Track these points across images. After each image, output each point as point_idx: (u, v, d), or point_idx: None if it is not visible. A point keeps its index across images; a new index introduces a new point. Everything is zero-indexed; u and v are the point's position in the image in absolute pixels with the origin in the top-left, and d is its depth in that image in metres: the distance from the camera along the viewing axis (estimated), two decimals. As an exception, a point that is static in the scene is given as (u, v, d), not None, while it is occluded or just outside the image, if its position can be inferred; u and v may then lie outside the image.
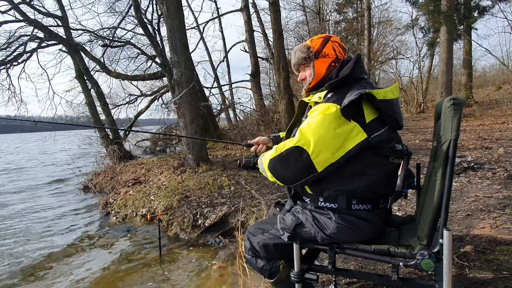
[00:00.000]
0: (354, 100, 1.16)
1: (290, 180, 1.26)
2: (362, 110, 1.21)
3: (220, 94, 13.79)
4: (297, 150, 1.19)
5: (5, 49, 8.31)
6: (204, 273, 3.05)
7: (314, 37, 1.45)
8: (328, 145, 1.16)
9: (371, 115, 1.23)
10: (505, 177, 3.50)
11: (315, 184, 1.29)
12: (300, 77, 1.48)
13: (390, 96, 1.24)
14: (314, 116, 1.21)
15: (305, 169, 1.20)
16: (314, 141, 1.17)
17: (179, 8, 5.55)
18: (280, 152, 1.24)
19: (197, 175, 5.43)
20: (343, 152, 1.17)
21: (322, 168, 1.18)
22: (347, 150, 1.17)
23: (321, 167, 1.18)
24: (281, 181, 1.28)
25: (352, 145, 1.17)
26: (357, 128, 1.18)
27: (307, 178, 1.22)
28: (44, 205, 6.33)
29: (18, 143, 35.90)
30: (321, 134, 1.17)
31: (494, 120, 9.01)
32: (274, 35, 7.75)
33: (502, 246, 1.96)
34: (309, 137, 1.18)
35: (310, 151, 1.17)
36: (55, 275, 3.25)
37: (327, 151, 1.17)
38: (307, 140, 1.18)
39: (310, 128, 1.19)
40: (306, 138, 1.18)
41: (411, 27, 14.74)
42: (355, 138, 1.17)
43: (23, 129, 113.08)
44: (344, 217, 1.27)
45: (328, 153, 1.17)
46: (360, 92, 1.18)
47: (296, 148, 1.19)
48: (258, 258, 1.47)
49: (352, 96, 1.18)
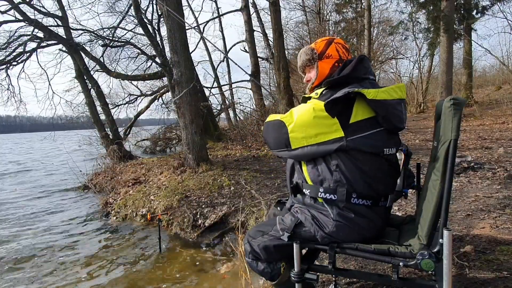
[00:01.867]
0: (338, 97, 1.21)
1: (270, 145, 1.44)
2: (350, 109, 1.24)
3: (220, 94, 13.79)
4: (280, 124, 1.35)
5: (4, 49, 8.31)
6: (204, 273, 3.05)
7: (319, 40, 1.50)
8: (305, 129, 1.28)
9: (362, 115, 1.24)
10: (505, 177, 3.50)
11: (316, 174, 1.32)
12: (306, 79, 1.53)
13: (382, 96, 1.23)
14: (306, 105, 1.33)
15: (282, 142, 1.35)
16: (296, 121, 1.30)
17: (179, 8, 5.55)
18: (269, 121, 1.44)
19: (197, 175, 5.43)
20: (316, 141, 1.27)
21: (295, 146, 1.31)
22: (320, 141, 1.27)
23: (294, 144, 1.31)
24: (266, 143, 1.53)
25: (327, 138, 1.25)
26: (336, 126, 1.24)
27: (282, 150, 1.37)
28: (44, 205, 6.33)
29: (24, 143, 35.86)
30: (304, 119, 1.29)
31: (494, 120, 9.01)
32: (274, 35, 7.76)
33: (502, 246, 1.96)
34: (293, 117, 1.32)
35: (288, 127, 1.31)
36: (55, 276, 3.25)
37: (302, 133, 1.29)
38: (291, 119, 1.32)
39: (298, 111, 1.32)
40: (291, 117, 1.33)
41: (411, 28, 14.72)
42: (331, 134, 1.25)
43: (23, 129, 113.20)
44: (342, 214, 1.27)
45: (304, 134, 1.29)
46: (347, 91, 1.21)
47: (281, 122, 1.35)
48: (259, 261, 1.48)
49: (338, 93, 1.23)
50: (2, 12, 7.83)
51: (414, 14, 12.16)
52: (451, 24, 10.15)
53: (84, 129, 11.21)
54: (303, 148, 1.30)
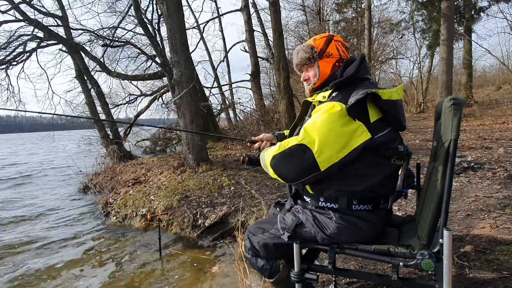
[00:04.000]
0: (360, 99, 1.16)
1: (292, 178, 1.24)
2: (367, 110, 1.21)
3: (220, 94, 13.79)
4: (301, 148, 1.17)
5: (4, 49, 8.30)
6: (205, 273, 3.05)
7: (317, 37, 1.42)
8: (332, 144, 1.15)
9: (375, 115, 1.23)
10: (505, 177, 3.50)
11: (316, 183, 1.29)
12: (303, 77, 1.46)
13: (395, 97, 1.25)
14: (319, 115, 1.20)
15: (308, 168, 1.18)
16: (319, 139, 1.15)
17: (179, 8, 5.55)
18: (284, 149, 1.22)
19: (197, 175, 5.43)
20: (346, 151, 1.16)
21: (325, 167, 1.17)
22: (351, 150, 1.16)
23: (324, 166, 1.17)
24: (282, 178, 1.27)
25: (356, 144, 1.17)
26: (361, 128, 1.17)
27: (309, 177, 1.20)
28: (44, 205, 6.33)
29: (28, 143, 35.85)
30: (326, 133, 1.15)
31: (494, 120, 9.01)
32: (274, 35, 7.75)
33: (502, 246, 1.96)
34: (313, 136, 1.16)
35: (314, 150, 1.16)
36: (54, 276, 3.25)
37: (331, 150, 1.15)
38: (311, 139, 1.16)
39: (315, 126, 1.18)
40: (310, 137, 1.17)
41: (411, 28, 14.73)
42: (359, 138, 1.17)
43: (22, 129, 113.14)
44: (344, 217, 1.27)
45: (332, 152, 1.15)
46: (366, 91, 1.17)
47: (300, 146, 1.18)
48: (258, 258, 1.47)
49: (358, 95, 1.17)
50: (2, 12, 7.83)
51: (416, 12, 12.16)
52: (451, 24, 10.15)
53: (84, 129, 11.20)
54: (334, 165, 1.17)
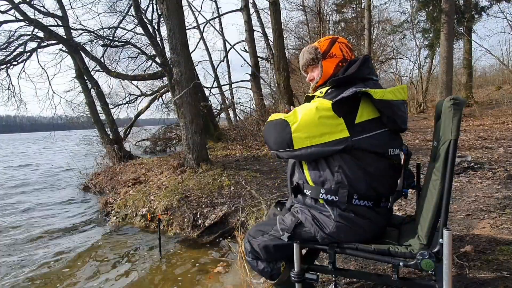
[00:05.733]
0: (346, 97, 1.20)
1: (271, 145, 1.40)
2: (356, 109, 1.24)
3: (220, 94, 13.78)
4: (284, 123, 1.32)
5: (5, 49, 8.31)
6: (205, 273, 3.05)
7: (322, 39, 1.48)
8: (309, 128, 1.26)
9: (367, 115, 1.24)
10: (505, 177, 3.50)
11: (317, 175, 1.31)
12: (309, 78, 1.52)
13: (389, 97, 1.24)
14: (310, 104, 1.32)
15: (284, 141, 1.31)
16: (300, 121, 1.27)
17: (179, 8, 5.55)
18: (272, 120, 1.40)
19: (197, 175, 5.43)
20: (321, 140, 1.25)
21: (298, 146, 1.28)
22: (324, 141, 1.24)
23: (297, 144, 1.28)
24: (266, 143, 1.45)
25: (331, 138, 1.24)
26: (341, 126, 1.23)
27: (283, 150, 1.33)
28: (44, 205, 6.33)
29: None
30: (308, 118, 1.27)
31: (494, 120, 9.00)
32: (274, 35, 7.76)
33: (502, 246, 1.96)
34: (297, 117, 1.29)
35: (292, 127, 1.28)
36: (54, 276, 3.25)
37: (306, 133, 1.26)
38: (295, 118, 1.30)
39: (302, 111, 1.30)
40: (295, 117, 1.30)
41: (411, 29, 14.72)
42: (336, 134, 1.23)
43: (23, 129, 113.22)
44: (343, 215, 1.27)
45: (308, 135, 1.26)
46: (355, 90, 1.20)
47: (284, 121, 1.32)
48: (259, 260, 1.48)
49: (345, 93, 1.22)
50: (2, 12, 7.83)
51: (418, 12, 12.16)
52: (451, 24, 10.15)
53: (84, 129, 11.20)
54: (306, 148, 1.27)
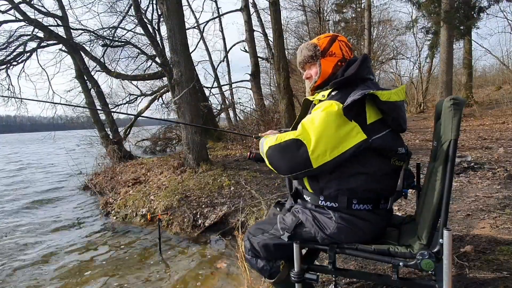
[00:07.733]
0: (356, 100, 1.16)
1: (284, 170, 1.27)
2: (365, 111, 1.21)
3: (220, 94, 13.79)
4: (296, 143, 1.20)
5: (5, 49, 8.31)
6: (204, 273, 3.05)
7: (321, 36, 1.43)
8: (327, 142, 1.17)
9: (373, 117, 1.22)
10: (505, 177, 3.50)
11: (316, 182, 1.29)
12: (305, 75, 1.47)
13: (395, 98, 1.23)
14: (317, 113, 1.22)
15: (301, 163, 1.20)
16: (315, 137, 1.18)
17: (179, 8, 5.55)
18: (280, 142, 1.26)
19: (197, 175, 5.43)
20: (340, 151, 1.18)
21: (317, 165, 1.19)
22: (344, 150, 1.18)
23: (317, 163, 1.19)
24: (275, 169, 1.30)
25: (350, 145, 1.18)
26: (356, 129, 1.18)
27: (301, 172, 1.23)
28: (44, 205, 6.33)
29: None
30: (322, 131, 1.18)
31: (494, 120, 9.00)
32: (274, 35, 7.75)
33: (502, 246, 1.96)
34: (310, 132, 1.19)
35: (308, 146, 1.18)
36: (54, 276, 3.25)
37: (325, 148, 1.17)
38: (307, 135, 1.19)
39: (312, 123, 1.20)
40: (307, 133, 1.20)
41: (411, 28, 14.73)
42: (353, 138, 1.18)
43: (23, 129, 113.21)
44: (344, 217, 1.26)
45: (325, 150, 1.17)
46: (364, 92, 1.17)
47: (296, 141, 1.20)
48: (258, 258, 1.47)
49: (355, 96, 1.18)
50: (2, 11, 7.83)
51: (418, 12, 12.16)
52: (451, 24, 10.14)
53: (84, 129, 11.20)
54: (326, 164, 1.19)
